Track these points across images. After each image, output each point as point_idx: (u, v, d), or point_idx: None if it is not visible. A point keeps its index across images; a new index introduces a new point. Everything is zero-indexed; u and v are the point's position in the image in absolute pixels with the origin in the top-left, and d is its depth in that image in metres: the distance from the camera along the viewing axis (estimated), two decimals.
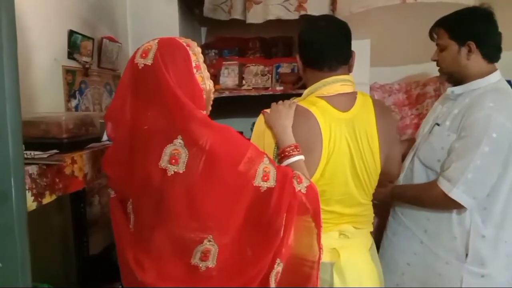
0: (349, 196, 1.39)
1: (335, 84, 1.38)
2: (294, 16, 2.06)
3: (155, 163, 1.02)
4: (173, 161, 1.01)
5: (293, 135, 1.30)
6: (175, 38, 1.12)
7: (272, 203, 1.05)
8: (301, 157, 1.25)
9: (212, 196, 1.03)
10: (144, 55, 1.06)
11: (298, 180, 1.12)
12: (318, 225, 1.13)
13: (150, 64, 1.04)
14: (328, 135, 1.32)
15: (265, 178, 1.07)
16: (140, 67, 1.05)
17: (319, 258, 1.14)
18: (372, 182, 1.44)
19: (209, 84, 1.14)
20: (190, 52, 1.10)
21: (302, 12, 2.00)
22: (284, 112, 1.34)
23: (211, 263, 1.04)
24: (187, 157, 1.01)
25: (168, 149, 1.01)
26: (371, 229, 1.52)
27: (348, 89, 1.40)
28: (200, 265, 1.04)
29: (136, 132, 1.06)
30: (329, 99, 1.37)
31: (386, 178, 1.68)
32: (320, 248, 1.13)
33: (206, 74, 1.14)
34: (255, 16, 2.06)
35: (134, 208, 1.10)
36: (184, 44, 1.10)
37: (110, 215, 1.19)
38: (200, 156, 1.01)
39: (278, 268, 1.06)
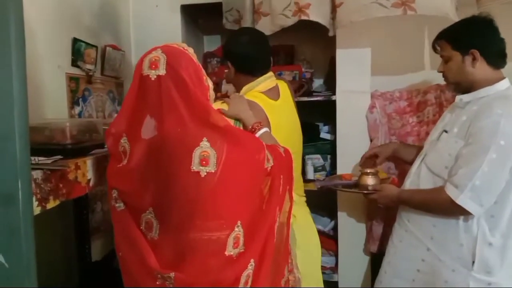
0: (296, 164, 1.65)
1: (266, 81, 1.70)
2: (294, 20, 2.07)
3: (187, 168, 1.04)
4: (204, 162, 1.05)
5: None
6: (172, 45, 1.14)
7: (275, 177, 1.24)
8: (266, 129, 1.51)
9: (237, 188, 1.12)
10: (154, 66, 1.07)
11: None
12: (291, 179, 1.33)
13: (163, 74, 1.06)
14: (272, 119, 1.61)
15: (269, 160, 1.22)
16: (152, 79, 1.06)
17: (291, 208, 1.34)
18: (298, 157, 1.78)
19: (210, 82, 1.19)
20: (190, 55, 1.13)
21: (305, 18, 2.01)
22: (241, 102, 1.58)
23: (242, 248, 1.12)
24: (215, 156, 1.06)
25: (197, 152, 1.05)
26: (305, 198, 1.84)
27: (274, 83, 1.74)
28: (233, 252, 1.10)
29: (159, 141, 1.07)
30: (265, 92, 1.68)
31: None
32: (291, 198, 1.33)
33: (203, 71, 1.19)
34: (264, 27, 2.09)
35: (158, 215, 1.11)
36: (183, 49, 1.14)
37: (117, 228, 1.19)
38: (222, 152, 1.08)
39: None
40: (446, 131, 1.64)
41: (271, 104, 1.67)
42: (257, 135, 1.43)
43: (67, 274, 1.78)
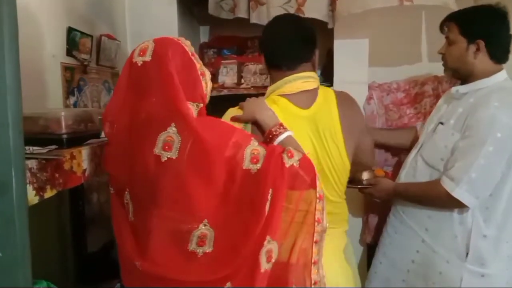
0: None
1: (296, 81, 1.38)
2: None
3: (150, 150, 1.05)
4: (167, 147, 1.04)
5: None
6: (169, 37, 1.16)
7: (261, 183, 1.06)
8: (290, 132, 1.24)
9: (203, 180, 1.05)
10: (142, 53, 1.10)
11: (289, 154, 1.11)
12: (316, 193, 1.12)
13: (149, 60, 1.09)
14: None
15: (254, 160, 1.08)
16: (139, 65, 1.09)
17: (314, 230, 1.11)
18: (341, 179, 1.43)
19: (206, 70, 1.18)
20: (183, 44, 1.14)
21: (301, 15, 2.01)
22: (258, 101, 1.35)
23: (208, 248, 1.05)
24: (179, 143, 1.04)
25: (162, 136, 1.04)
26: (346, 228, 1.51)
27: (310, 85, 1.39)
28: (198, 250, 1.05)
29: (134, 122, 1.09)
30: (290, 97, 1.37)
31: (359, 168, 1.71)
32: (315, 221, 1.11)
33: (200, 62, 1.17)
34: (259, 16, 2.08)
35: (132, 197, 1.12)
36: (176, 39, 1.15)
37: (111, 211, 1.20)
38: (188, 141, 1.04)
39: (270, 246, 1.06)
40: (442, 123, 1.63)
41: (293, 113, 1.35)
42: (278, 140, 1.22)
43: (63, 264, 1.77)
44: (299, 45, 1.41)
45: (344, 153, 1.40)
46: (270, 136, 1.25)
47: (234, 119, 1.36)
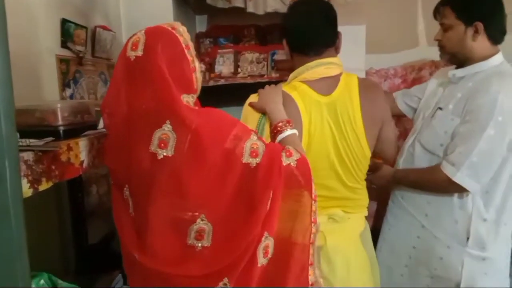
0: (336, 180, 1.39)
1: (318, 67, 1.37)
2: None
3: (146, 147, 1.04)
4: (162, 145, 1.03)
5: None
6: (160, 25, 1.14)
7: (259, 178, 1.06)
8: (294, 131, 1.25)
9: (200, 174, 1.05)
10: (134, 47, 1.09)
11: (288, 153, 1.13)
12: (311, 196, 1.13)
13: (141, 55, 1.07)
14: (308, 120, 1.33)
15: (254, 154, 1.08)
16: (132, 59, 1.08)
17: (310, 232, 1.13)
18: (360, 166, 1.42)
19: (197, 63, 1.16)
20: (177, 35, 1.11)
21: None
22: (273, 92, 1.35)
23: (206, 242, 1.05)
24: (175, 140, 1.04)
25: (157, 134, 1.04)
26: (365, 214, 1.51)
27: (332, 72, 1.38)
28: (196, 244, 1.05)
29: (131, 115, 1.08)
30: (311, 83, 1.36)
31: (382, 159, 1.70)
32: (312, 222, 1.13)
33: (194, 53, 1.15)
34: (256, 6, 2.09)
35: (131, 193, 1.12)
36: (170, 29, 1.12)
37: (112, 203, 1.20)
38: (185, 137, 1.03)
39: (267, 241, 1.08)
40: (440, 108, 1.62)
41: (313, 99, 1.35)
42: (281, 137, 1.24)
43: (63, 257, 1.78)
44: (326, 30, 1.39)
45: (364, 140, 1.38)
46: (275, 131, 1.27)
47: (251, 105, 1.38)
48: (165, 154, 1.03)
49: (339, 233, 1.39)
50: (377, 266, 1.58)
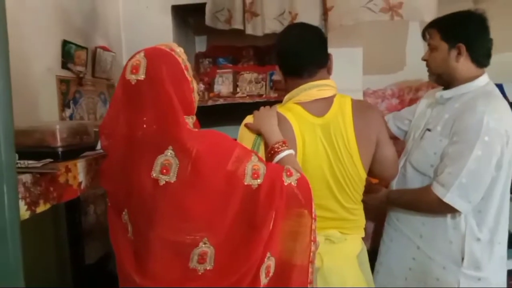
0: (332, 201, 1.39)
1: (312, 89, 1.38)
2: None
3: (147, 173, 1.04)
4: (164, 171, 1.03)
5: None
6: (158, 47, 1.13)
7: (261, 199, 1.07)
8: (291, 151, 1.26)
9: (202, 199, 1.05)
10: (134, 71, 1.07)
11: (288, 173, 1.13)
12: (311, 215, 1.14)
13: (143, 78, 1.06)
14: (303, 141, 1.34)
15: (255, 176, 1.08)
16: (133, 83, 1.07)
17: (310, 250, 1.13)
18: (355, 186, 1.42)
19: (195, 84, 1.16)
20: (176, 56, 1.12)
21: None
22: (268, 113, 1.37)
23: (208, 265, 1.05)
24: (177, 166, 1.03)
25: (160, 160, 1.03)
26: (362, 235, 1.50)
27: (326, 93, 1.40)
28: (199, 268, 1.05)
29: (131, 139, 1.07)
30: (305, 105, 1.38)
31: (380, 180, 1.71)
32: (311, 241, 1.13)
33: (192, 73, 1.16)
34: (254, 28, 2.12)
35: (130, 217, 1.11)
36: (169, 50, 1.12)
37: (109, 224, 1.19)
38: (188, 163, 1.03)
39: (269, 262, 1.08)
40: (429, 130, 1.64)
41: (307, 120, 1.36)
42: (278, 158, 1.26)
43: (61, 277, 1.77)
44: (318, 50, 1.42)
45: (359, 161, 1.38)
46: (272, 152, 1.27)
47: (247, 126, 1.39)
48: (167, 180, 1.03)
49: (336, 254, 1.38)
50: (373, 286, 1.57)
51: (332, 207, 1.40)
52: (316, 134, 1.35)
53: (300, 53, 1.40)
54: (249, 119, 1.42)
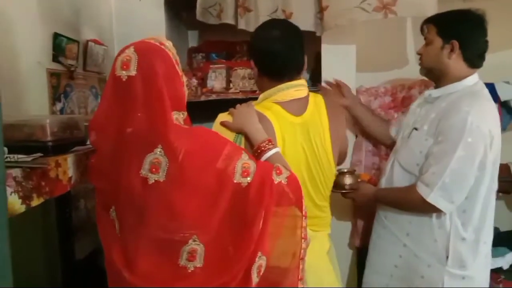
0: (307, 199, 1.36)
1: (289, 90, 1.39)
2: None
3: (136, 171, 1.03)
4: (154, 169, 1.03)
5: None
6: (148, 41, 1.12)
7: (251, 197, 1.07)
8: (278, 149, 1.27)
9: (192, 197, 1.04)
10: (125, 67, 1.06)
11: (278, 171, 1.13)
12: (301, 213, 1.15)
13: (134, 74, 1.05)
14: (282, 139, 1.34)
15: (245, 174, 1.08)
16: (124, 79, 1.05)
17: (301, 247, 1.14)
18: (328, 183, 1.47)
19: (184, 78, 1.16)
20: (167, 50, 1.10)
21: None
22: (248, 112, 1.35)
23: (198, 263, 1.05)
24: (167, 165, 1.03)
25: (149, 158, 1.03)
26: (329, 231, 1.53)
27: (301, 94, 1.41)
28: (188, 265, 1.04)
29: (120, 135, 1.06)
30: (283, 104, 1.38)
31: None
32: (302, 238, 1.14)
33: (181, 69, 1.15)
34: (247, 23, 2.10)
35: (118, 215, 1.10)
36: (159, 44, 1.10)
37: (97, 220, 1.19)
38: (177, 161, 1.03)
39: (260, 261, 1.08)
40: (416, 129, 1.65)
41: (287, 119, 1.37)
42: (266, 156, 1.25)
43: (50, 273, 1.75)
44: (299, 56, 1.42)
45: (332, 158, 1.45)
46: (259, 151, 1.27)
47: (224, 125, 1.36)
48: (156, 179, 1.02)
49: (309, 252, 1.38)
50: (341, 282, 1.60)
51: (306, 205, 1.39)
52: (296, 133, 1.37)
53: (284, 59, 1.39)
54: (223, 117, 1.39)
